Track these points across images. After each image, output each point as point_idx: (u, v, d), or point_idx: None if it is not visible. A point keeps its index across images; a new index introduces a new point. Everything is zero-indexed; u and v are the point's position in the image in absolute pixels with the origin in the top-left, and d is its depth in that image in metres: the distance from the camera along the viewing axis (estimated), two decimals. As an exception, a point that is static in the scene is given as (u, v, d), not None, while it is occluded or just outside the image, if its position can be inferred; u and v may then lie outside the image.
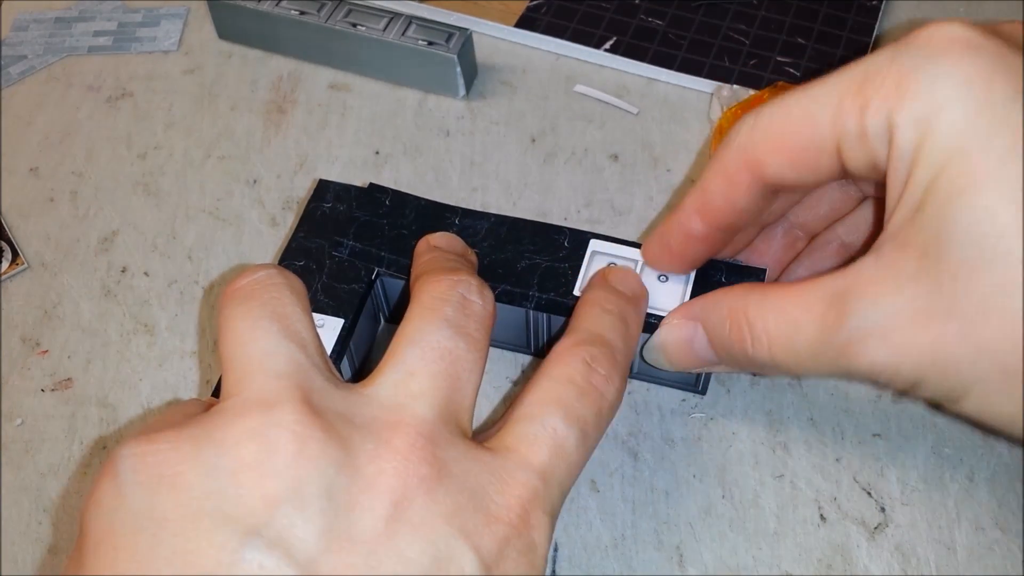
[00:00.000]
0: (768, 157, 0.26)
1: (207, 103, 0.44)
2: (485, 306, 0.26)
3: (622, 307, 0.29)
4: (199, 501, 0.20)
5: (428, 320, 0.25)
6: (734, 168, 0.27)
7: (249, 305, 0.24)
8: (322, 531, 0.20)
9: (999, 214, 0.21)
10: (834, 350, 0.24)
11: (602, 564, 0.30)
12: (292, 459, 0.21)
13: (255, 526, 0.20)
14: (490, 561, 0.21)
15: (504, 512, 0.22)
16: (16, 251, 0.39)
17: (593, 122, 0.42)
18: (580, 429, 0.25)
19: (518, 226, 0.33)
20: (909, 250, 0.23)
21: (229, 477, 0.21)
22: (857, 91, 0.24)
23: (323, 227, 0.33)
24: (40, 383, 0.35)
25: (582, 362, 0.26)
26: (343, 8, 0.44)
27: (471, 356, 0.25)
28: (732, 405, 0.33)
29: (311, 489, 0.21)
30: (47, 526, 0.32)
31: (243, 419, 0.21)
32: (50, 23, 0.48)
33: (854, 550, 0.30)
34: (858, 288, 0.24)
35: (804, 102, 0.25)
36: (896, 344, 0.23)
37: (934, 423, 0.33)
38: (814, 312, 0.25)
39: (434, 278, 0.27)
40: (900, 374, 0.24)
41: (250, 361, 0.23)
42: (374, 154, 0.42)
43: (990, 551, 0.30)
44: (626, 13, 0.46)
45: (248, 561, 0.20)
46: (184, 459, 0.21)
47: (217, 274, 0.38)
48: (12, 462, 0.33)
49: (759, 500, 0.31)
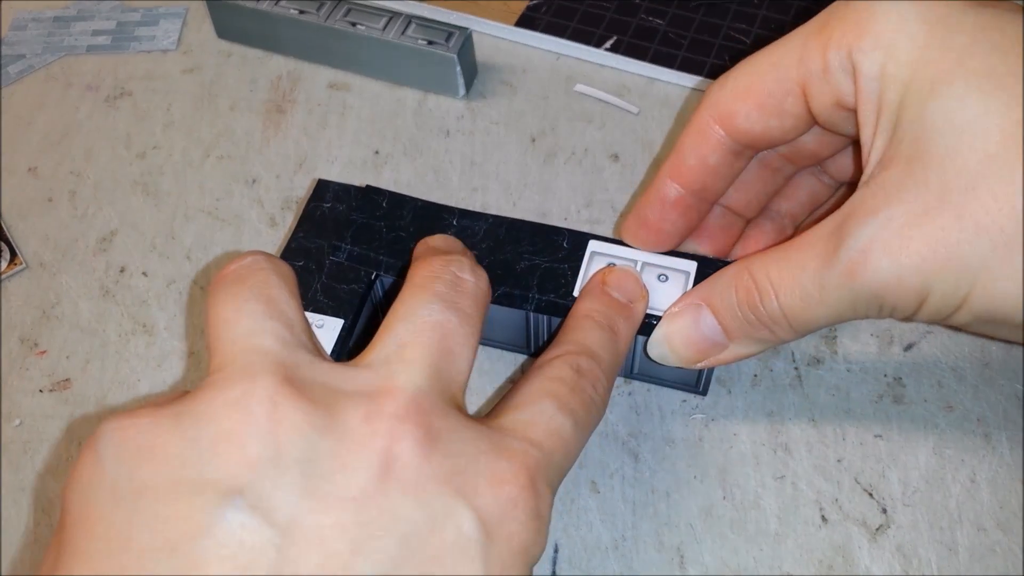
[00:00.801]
0: (736, 105, 0.27)
1: (206, 103, 0.44)
2: (478, 283, 0.26)
3: (612, 319, 0.29)
4: (178, 470, 0.20)
5: (419, 297, 0.25)
6: (705, 124, 0.28)
7: (236, 289, 0.24)
8: (305, 491, 0.20)
9: (969, 102, 0.22)
10: (839, 278, 0.24)
11: (602, 565, 0.30)
12: (271, 425, 0.21)
13: (235, 488, 0.20)
14: (492, 522, 0.21)
15: (511, 475, 0.22)
16: (14, 251, 0.39)
17: (593, 122, 0.42)
18: (573, 419, 0.25)
19: (516, 227, 0.33)
20: (893, 165, 0.24)
21: (208, 446, 0.20)
22: (817, 33, 0.26)
23: (322, 227, 0.33)
24: (39, 383, 0.35)
25: (570, 367, 0.26)
26: (343, 7, 0.43)
27: (464, 330, 0.24)
28: (733, 406, 0.33)
29: (292, 452, 0.20)
30: (46, 526, 0.32)
31: (222, 392, 0.21)
32: (49, 22, 0.48)
33: (855, 551, 0.30)
34: (852, 216, 0.24)
35: (768, 53, 0.27)
36: (896, 250, 0.23)
37: (935, 424, 0.32)
38: (815, 249, 0.25)
39: (426, 260, 0.27)
40: (906, 282, 0.23)
41: (234, 341, 0.23)
42: (374, 154, 0.42)
43: (992, 552, 0.30)
44: (626, 12, 0.46)
45: (229, 522, 0.19)
46: (164, 432, 0.21)
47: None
48: (11, 462, 0.33)
49: (760, 501, 0.31)
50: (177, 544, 0.19)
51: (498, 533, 0.21)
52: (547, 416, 0.25)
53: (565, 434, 0.25)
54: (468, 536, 0.21)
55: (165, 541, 0.19)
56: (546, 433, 0.24)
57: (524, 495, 0.22)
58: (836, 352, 0.34)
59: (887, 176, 0.24)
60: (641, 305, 0.30)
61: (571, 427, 0.25)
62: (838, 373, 0.34)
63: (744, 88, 0.27)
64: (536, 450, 0.23)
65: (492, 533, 0.21)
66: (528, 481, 0.22)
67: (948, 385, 0.33)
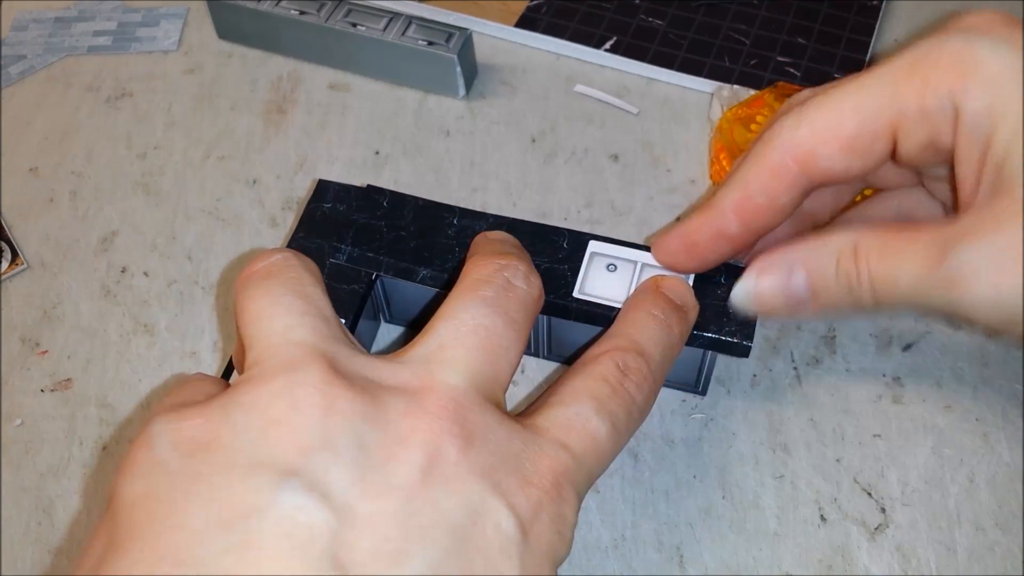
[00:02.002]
0: (820, 148, 0.27)
1: (207, 103, 0.44)
2: (530, 291, 0.26)
3: (669, 314, 0.29)
4: (233, 455, 0.20)
5: (467, 299, 0.25)
6: (780, 164, 0.28)
7: (269, 284, 0.24)
8: (357, 478, 0.20)
9: None
10: (938, 287, 0.25)
11: (602, 565, 0.30)
12: (321, 413, 0.21)
13: (291, 470, 0.20)
14: (525, 522, 0.21)
15: (538, 478, 0.22)
16: (16, 251, 0.39)
17: (593, 122, 0.42)
18: (611, 424, 0.25)
19: (516, 227, 0.33)
20: (1003, 199, 0.24)
21: (259, 433, 0.21)
22: (911, 73, 0.26)
23: (323, 227, 0.33)
24: (40, 383, 0.35)
25: (616, 366, 0.26)
26: (343, 8, 0.44)
27: (508, 335, 0.24)
28: (732, 406, 0.33)
29: (343, 439, 0.21)
30: (47, 526, 0.32)
31: (268, 383, 0.22)
32: (50, 23, 0.48)
33: (855, 551, 0.30)
34: (960, 235, 0.25)
35: (852, 92, 0.27)
36: (997, 279, 0.24)
37: (935, 424, 0.32)
38: (921, 253, 0.25)
39: (481, 260, 0.26)
40: (1002, 308, 0.24)
41: (272, 334, 0.23)
42: (374, 154, 0.42)
43: (991, 552, 0.30)
44: (626, 13, 0.46)
45: (285, 503, 0.19)
46: (216, 425, 0.21)
47: (217, 274, 0.38)
48: (12, 462, 0.33)
49: (759, 501, 0.31)
50: (233, 522, 0.19)
51: (531, 531, 0.21)
52: (584, 418, 0.24)
53: (600, 438, 0.24)
54: (507, 534, 0.21)
55: (221, 519, 0.19)
56: (580, 436, 0.24)
57: (547, 498, 0.22)
58: (835, 352, 0.34)
59: (996, 207, 0.25)
60: (693, 314, 0.30)
61: (607, 432, 0.25)
62: (837, 373, 0.34)
63: (827, 129, 0.27)
64: (567, 454, 0.23)
65: (527, 532, 0.21)
66: (552, 485, 0.22)
67: (947, 385, 0.33)
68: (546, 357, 0.35)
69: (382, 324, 0.36)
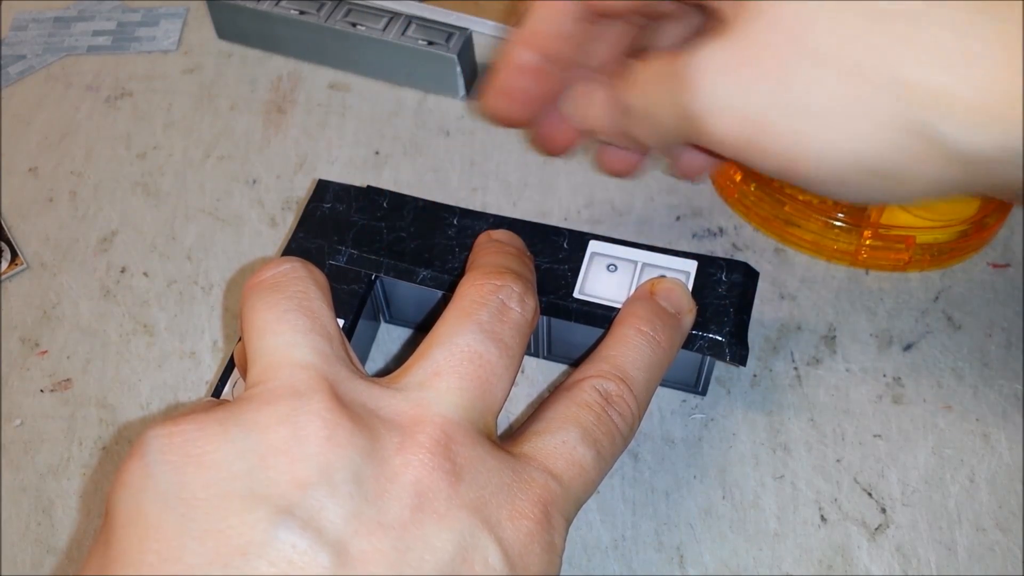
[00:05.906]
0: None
1: (206, 103, 0.44)
2: (524, 314, 0.26)
3: (658, 329, 0.28)
4: (228, 481, 0.20)
5: (461, 323, 0.25)
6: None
7: (275, 297, 0.24)
8: (351, 515, 0.20)
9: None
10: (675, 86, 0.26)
11: (602, 565, 0.30)
12: (322, 444, 0.21)
13: (287, 506, 0.20)
14: (514, 555, 0.22)
15: (528, 508, 0.23)
16: (15, 251, 0.39)
17: (593, 122, 0.42)
18: (596, 451, 0.25)
19: (516, 227, 0.33)
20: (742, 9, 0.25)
21: (259, 459, 0.21)
22: None
23: (323, 227, 0.33)
24: (39, 384, 0.35)
25: (599, 393, 0.26)
26: (343, 8, 0.43)
27: (502, 362, 0.25)
28: (732, 406, 0.33)
29: (341, 474, 0.21)
30: (46, 526, 0.32)
31: (272, 405, 0.21)
32: (49, 23, 0.48)
33: (855, 551, 0.30)
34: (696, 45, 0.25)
35: None
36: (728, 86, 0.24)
37: (935, 424, 0.32)
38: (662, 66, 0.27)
39: (478, 280, 0.26)
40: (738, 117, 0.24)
41: (276, 351, 0.23)
42: (374, 154, 0.42)
43: (991, 552, 0.30)
44: (626, 13, 0.46)
45: (281, 541, 0.20)
46: (212, 440, 0.21)
47: (217, 274, 0.38)
48: (11, 463, 0.33)
49: (759, 501, 0.31)
50: (229, 560, 0.19)
51: (519, 564, 0.22)
52: (570, 447, 0.25)
53: (587, 466, 0.25)
54: (494, 568, 0.21)
55: (217, 556, 0.19)
56: (567, 464, 0.24)
57: (539, 528, 0.22)
58: (835, 352, 0.34)
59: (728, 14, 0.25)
60: (689, 318, 0.30)
61: (593, 459, 0.25)
62: (837, 373, 0.34)
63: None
64: (555, 482, 0.24)
65: (515, 565, 0.22)
66: (543, 515, 0.23)
67: (947, 385, 0.33)
68: (546, 357, 0.35)
69: (382, 324, 0.36)
